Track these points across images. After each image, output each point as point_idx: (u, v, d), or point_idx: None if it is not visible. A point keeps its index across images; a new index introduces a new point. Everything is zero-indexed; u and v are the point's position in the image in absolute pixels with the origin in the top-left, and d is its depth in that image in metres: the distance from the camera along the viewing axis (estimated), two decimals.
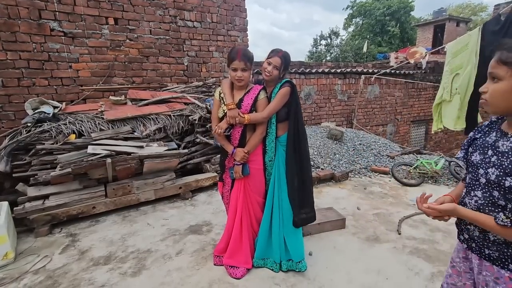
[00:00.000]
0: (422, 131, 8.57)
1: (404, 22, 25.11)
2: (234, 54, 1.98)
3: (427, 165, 4.18)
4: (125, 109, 3.68)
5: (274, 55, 2.09)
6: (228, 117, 2.02)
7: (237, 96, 2.13)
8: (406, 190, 3.91)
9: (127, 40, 4.07)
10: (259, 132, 2.11)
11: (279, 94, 2.08)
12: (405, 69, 7.44)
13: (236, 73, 2.00)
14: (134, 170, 3.33)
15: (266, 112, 2.06)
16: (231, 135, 2.14)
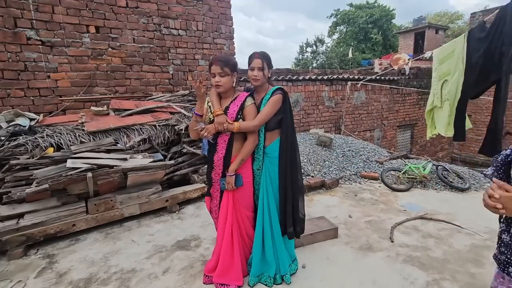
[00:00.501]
0: (408, 135, 8.73)
1: (386, 30, 25.93)
2: (212, 60, 1.96)
3: (415, 170, 4.21)
4: (108, 120, 3.53)
5: (253, 59, 2.03)
6: (216, 124, 1.94)
7: (223, 104, 2.06)
8: (396, 195, 3.90)
9: (109, 48, 3.95)
10: (252, 140, 2.04)
11: (271, 101, 2.03)
12: (389, 75, 7.59)
13: (215, 78, 1.93)
14: (117, 184, 3.17)
15: (257, 120, 1.99)
16: (217, 144, 2.06)
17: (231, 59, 2.02)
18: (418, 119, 8.65)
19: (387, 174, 4.29)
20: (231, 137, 2.03)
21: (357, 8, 26.83)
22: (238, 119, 2.01)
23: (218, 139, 2.05)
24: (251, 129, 2.00)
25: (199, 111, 2.01)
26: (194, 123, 2.03)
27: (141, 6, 4.12)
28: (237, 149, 2.06)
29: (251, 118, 2.02)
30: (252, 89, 2.23)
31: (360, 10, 26.37)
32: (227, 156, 2.05)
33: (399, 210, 3.44)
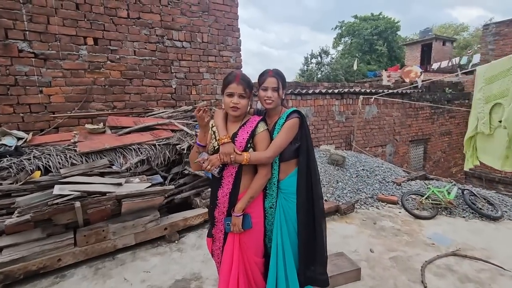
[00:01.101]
0: (421, 150, 8.33)
1: (391, 41, 25.87)
2: (231, 77, 1.64)
3: (439, 194, 3.82)
4: (103, 139, 3.23)
5: (266, 77, 1.71)
6: (221, 154, 1.61)
7: (231, 130, 1.73)
8: (420, 224, 3.51)
9: (108, 61, 3.69)
10: (264, 173, 1.70)
11: (286, 127, 1.70)
12: (402, 88, 7.28)
13: (232, 99, 1.63)
14: (110, 211, 2.84)
15: (271, 150, 1.66)
16: (222, 177, 1.73)
17: (250, 81, 1.73)
18: (431, 134, 8.27)
19: (407, 198, 3.91)
20: (239, 169, 1.70)
21: (362, 20, 26.90)
22: (248, 148, 1.69)
23: (224, 172, 1.72)
24: (263, 161, 1.67)
25: (202, 141, 1.69)
26: (195, 154, 1.71)
27: (143, 17, 3.88)
28: (245, 184, 1.72)
29: (263, 147, 1.69)
30: (263, 111, 1.91)
31: (365, 22, 26.42)
32: (234, 192, 1.71)
33: (426, 243, 3.05)
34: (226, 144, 1.63)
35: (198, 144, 1.69)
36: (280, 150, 1.69)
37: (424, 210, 3.80)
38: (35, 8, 3.20)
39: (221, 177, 1.73)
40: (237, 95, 1.63)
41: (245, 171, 1.72)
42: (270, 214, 1.81)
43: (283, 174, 1.78)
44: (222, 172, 1.72)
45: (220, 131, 1.69)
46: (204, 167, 1.65)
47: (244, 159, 1.62)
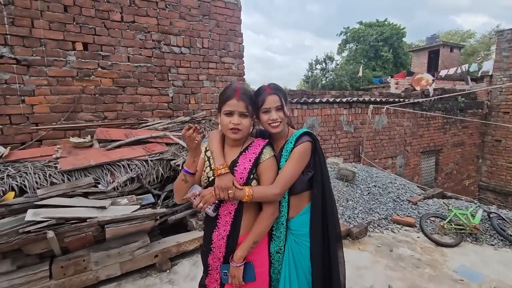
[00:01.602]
0: (432, 162, 7.92)
1: (397, 48, 25.54)
2: (230, 91, 1.31)
3: (462, 218, 3.42)
4: (89, 155, 2.91)
5: (264, 96, 1.38)
6: (217, 189, 1.28)
7: (229, 156, 1.40)
8: (442, 252, 3.12)
9: (99, 68, 3.39)
10: (270, 212, 1.36)
11: (297, 153, 1.36)
12: (413, 97, 6.91)
13: (232, 118, 1.30)
14: (92, 238, 2.50)
15: (279, 185, 1.32)
16: (218, 216, 1.38)
17: (252, 95, 1.40)
18: (443, 145, 7.86)
19: (426, 222, 3.52)
20: (239, 207, 1.36)
21: (367, 26, 26.64)
22: (250, 180, 1.35)
23: (220, 210, 1.38)
24: (269, 198, 1.33)
25: (191, 168, 1.34)
26: (182, 183, 1.36)
27: (138, 21, 3.59)
28: (247, 225, 1.38)
29: (270, 179, 1.35)
30: (264, 132, 1.58)
31: (370, 28, 26.15)
32: (233, 234, 1.37)
33: (453, 278, 2.66)
34: (223, 175, 1.29)
35: (185, 171, 1.34)
36: (290, 184, 1.35)
37: (446, 235, 3.40)
38: (18, 10, 2.92)
39: (217, 216, 1.38)
40: (238, 113, 1.30)
41: (247, 209, 1.37)
42: (277, 261, 1.46)
43: (294, 211, 1.44)
44: (218, 210, 1.38)
45: (216, 159, 1.35)
46: (195, 205, 1.31)
47: (245, 195, 1.28)
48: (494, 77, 8.65)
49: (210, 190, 1.31)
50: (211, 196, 1.29)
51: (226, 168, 1.31)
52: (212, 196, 1.29)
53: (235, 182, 1.30)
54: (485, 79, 12.65)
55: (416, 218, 3.79)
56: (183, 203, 1.46)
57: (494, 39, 30.19)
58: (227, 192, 1.28)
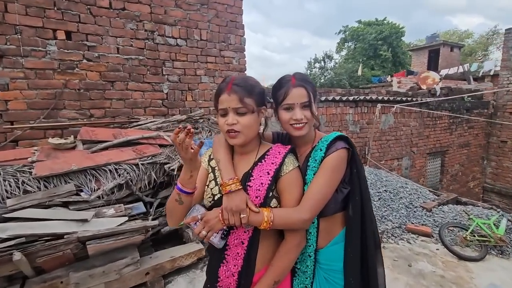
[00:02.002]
0: (438, 163, 7.65)
1: (396, 47, 25.39)
2: (221, 84, 1.00)
3: (485, 228, 3.13)
4: (70, 157, 2.55)
5: (288, 88, 1.06)
6: (226, 211, 0.96)
7: (240, 168, 1.07)
8: (467, 268, 2.81)
9: (84, 60, 3.02)
10: (295, 242, 1.03)
11: (330, 166, 1.04)
12: (420, 96, 6.62)
13: (226, 119, 0.98)
14: (72, 256, 2.15)
15: (308, 208, 0.99)
16: (226, 247, 1.05)
17: (256, 84, 1.04)
18: (449, 146, 7.60)
19: (446, 232, 3.21)
20: (255, 235, 1.03)
21: (366, 24, 26.45)
22: (269, 199, 1.01)
23: (229, 238, 1.05)
24: (296, 225, 1.00)
25: (187, 185, 0.99)
26: (175, 203, 1.02)
27: (129, 8, 3.22)
28: (265, 259, 1.05)
29: (295, 199, 1.02)
30: (284, 136, 1.25)
31: (369, 27, 25.96)
32: (246, 271, 1.04)
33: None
34: (233, 193, 0.96)
35: (179, 190, 0.99)
36: (322, 205, 1.02)
37: (467, 247, 3.10)
38: None
39: (225, 247, 1.05)
40: (232, 110, 0.97)
41: (265, 237, 1.04)
42: None
43: (324, 239, 1.11)
44: (227, 238, 1.04)
45: (223, 170, 1.02)
46: (197, 233, 0.97)
47: (263, 221, 0.95)
48: (500, 76, 8.40)
49: (216, 213, 0.98)
50: (217, 221, 0.96)
51: (237, 183, 0.97)
52: (219, 221, 0.96)
53: (250, 202, 0.97)
54: (486, 79, 12.48)
55: (433, 227, 3.49)
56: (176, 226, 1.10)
57: (491, 39, 30.28)
58: (238, 217, 0.94)
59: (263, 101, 1.05)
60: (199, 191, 1.06)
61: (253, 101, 0.99)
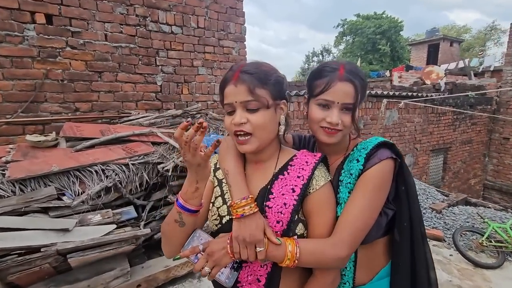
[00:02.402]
0: (440, 160, 7.50)
1: (394, 41, 25.16)
2: (227, 74, 0.75)
3: (502, 233, 2.94)
4: (50, 157, 2.27)
5: (332, 79, 0.81)
6: (236, 241, 0.72)
7: (255, 180, 0.83)
8: (484, 276, 2.62)
9: (67, 47, 2.71)
10: (328, 280, 0.79)
11: (372, 183, 0.80)
12: (425, 91, 6.41)
13: (234, 117, 0.74)
14: (52, 270, 1.89)
15: (346, 241, 0.74)
16: (238, 283, 0.80)
17: (271, 71, 0.78)
18: (452, 143, 7.43)
19: (460, 237, 3.02)
20: (275, 271, 0.78)
21: (365, 18, 26.11)
22: (294, 224, 0.77)
23: (241, 274, 0.80)
24: (329, 263, 0.75)
25: (191, 201, 0.74)
26: (175, 227, 0.76)
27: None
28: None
29: (327, 224, 0.78)
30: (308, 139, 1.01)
31: (368, 21, 25.65)
32: None
33: None
34: (247, 218, 0.71)
35: (180, 207, 0.74)
36: (363, 235, 0.77)
37: (482, 253, 2.92)
38: None
39: (237, 283, 0.80)
40: (240, 106, 0.73)
41: (287, 271, 0.78)
42: None
43: (365, 273, 0.88)
44: (238, 276, 0.79)
45: (234, 186, 0.77)
46: (198, 269, 0.72)
47: (286, 257, 0.71)
48: (504, 72, 8.22)
49: (223, 242, 0.74)
50: (224, 254, 0.72)
51: (252, 204, 0.73)
52: (227, 254, 0.72)
53: (269, 231, 0.73)
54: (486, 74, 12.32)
55: (444, 230, 3.29)
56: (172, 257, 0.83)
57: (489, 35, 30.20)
58: (253, 250, 0.70)
59: (282, 93, 0.80)
60: (202, 210, 0.81)
61: (267, 93, 0.75)
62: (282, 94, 0.79)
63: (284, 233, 0.75)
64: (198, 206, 0.75)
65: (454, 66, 14.31)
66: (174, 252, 0.80)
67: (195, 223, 0.78)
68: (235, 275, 0.76)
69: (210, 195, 0.87)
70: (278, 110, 0.79)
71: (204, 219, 0.87)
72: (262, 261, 0.73)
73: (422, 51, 19.01)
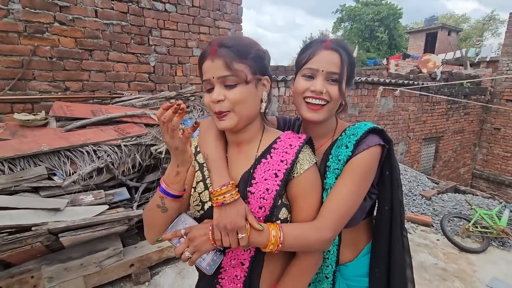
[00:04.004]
0: (432, 149, 7.60)
1: (393, 29, 24.87)
2: (206, 49, 0.72)
3: (488, 219, 3.02)
4: (40, 137, 2.22)
5: (315, 49, 0.80)
6: (217, 229, 0.70)
7: (237, 164, 0.80)
8: (469, 260, 2.72)
9: (56, 23, 2.60)
10: (311, 262, 0.80)
11: (360, 169, 0.79)
12: (421, 79, 6.40)
13: (212, 95, 0.71)
14: (44, 248, 1.89)
15: (330, 224, 0.74)
16: (221, 268, 0.79)
17: (251, 44, 0.75)
18: (444, 132, 7.52)
19: (448, 222, 3.10)
20: (258, 256, 0.78)
21: (364, 4, 25.63)
22: (277, 209, 0.76)
23: (224, 260, 0.80)
24: (313, 246, 0.75)
25: (173, 186, 0.73)
26: (157, 212, 0.75)
27: None
28: (270, 281, 0.82)
29: (311, 208, 0.77)
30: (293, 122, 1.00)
31: (366, 7, 25.19)
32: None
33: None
34: (229, 206, 0.70)
35: (163, 192, 0.73)
36: (348, 219, 0.77)
37: (468, 238, 3.01)
38: None
39: (219, 270, 0.80)
40: (218, 82, 0.70)
41: (271, 255, 0.78)
42: None
43: (349, 252, 0.90)
44: (220, 263, 0.79)
45: (214, 171, 0.75)
46: (178, 253, 0.72)
47: (269, 242, 0.70)
48: (500, 62, 8.24)
49: (204, 229, 0.73)
50: (205, 240, 0.71)
51: (233, 191, 0.71)
52: (208, 241, 0.71)
53: (251, 217, 0.72)
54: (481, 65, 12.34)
55: (432, 216, 3.38)
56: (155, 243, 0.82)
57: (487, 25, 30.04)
58: (235, 237, 0.70)
59: (263, 68, 0.76)
60: (185, 196, 0.80)
61: (246, 67, 0.71)
62: (263, 69, 0.76)
63: (267, 218, 0.74)
64: (181, 192, 0.73)
65: (452, 56, 14.27)
66: (155, 237, 0.78)
67: (178, 209, 0.77)
68: (217, 262, 0.76)
69: (192, 180, 0.84)
70: (260, 86, 0.76)
71: (188, 205, 0.86)
72: (244, 247, 0.73)
73: (420, 39, 18.87)
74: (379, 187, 0.86)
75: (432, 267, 2.58)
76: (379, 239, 0.88)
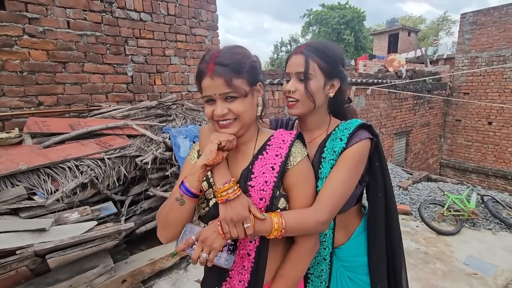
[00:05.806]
0: (403, 143, 8.07)
1: (358, 31, 26.10)
2: (201, 65, 0.77)
3: (459, 203, 3.28)
4: (16, 155, 2.10)
5: (291, 55, 0.94)
6: (224, 222, 0.76)
7: (237, 163, 0.87)
8: (446, 242, 2.93)
9: (25, 36, 2.48)
10: (309, 246, 0.87)
11: (352, 160, 0.88)
12: (389, 78, 6.80)
13: (215, 108, 0.77)
14: (29, 273, 1.79)
15: (326, 208, 0.82)
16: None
17: (244, 57, 0.81)
18: (413, 126, 8.02)
19: (425, 210, 3.32)
20: (263, 244, 0.84)
21: (329, 8, 26.69)
22: (277, 199, 0.82)
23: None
24: (312, 229, 0.82)
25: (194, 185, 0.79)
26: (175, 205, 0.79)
27: None
28: (274, 267, 0.88)
29: (306, 196, 0.84)
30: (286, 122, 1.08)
31: (332, 11, 26.25)
32: (255, 285, 0.84)
33: (467, 273, 2.45)
34: (232, 201, 0.75)
35: (186, 190, 0.78)
36: (342, 204, 0.86)
37: (443, 222, 3.25)
38: None
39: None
40: (220, 98, 0.77)
41: (274, 244, 0.86)
42: None
43: (343, 235, 0.98)
44: (234, 255, 0.83)
45: (215, 172, 0.80)
46: (196, 258, 0.75)
47: (273, 229, 0.77)
48: (456, 59, 8.96)
49: (214, 226, 0.77)
50: (217, 236, 0.75)
51: (235, 188, 0.77)
52: (219, 235, 0.75)
53: (253, 208, 0.77)
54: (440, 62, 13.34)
55: (410, 205, 3.60)
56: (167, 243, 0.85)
57: (441, 25, 32.51)
58: (241, 227, 0.75)
59: (257, 76, 0.82)
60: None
61: (244, 82, 0.78)
62: (257, 78, 0.83)
63: (267, 208, 0.80)
64: (200, 192, 0.79)
65: (414, 55, 15.27)
66: (172, 235, 0.81)
67: (194, 209, 0.81)
68: (232, 257, 0.80)
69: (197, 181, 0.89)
70: (255, 93, 0.83)
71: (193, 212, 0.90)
72: (251, 236, 0.77)
73: (383, 40, 19.97)
74: (369, 176, 0.95)
75: (415, 252, 2.76)
76: (376, 224, 0.96)
